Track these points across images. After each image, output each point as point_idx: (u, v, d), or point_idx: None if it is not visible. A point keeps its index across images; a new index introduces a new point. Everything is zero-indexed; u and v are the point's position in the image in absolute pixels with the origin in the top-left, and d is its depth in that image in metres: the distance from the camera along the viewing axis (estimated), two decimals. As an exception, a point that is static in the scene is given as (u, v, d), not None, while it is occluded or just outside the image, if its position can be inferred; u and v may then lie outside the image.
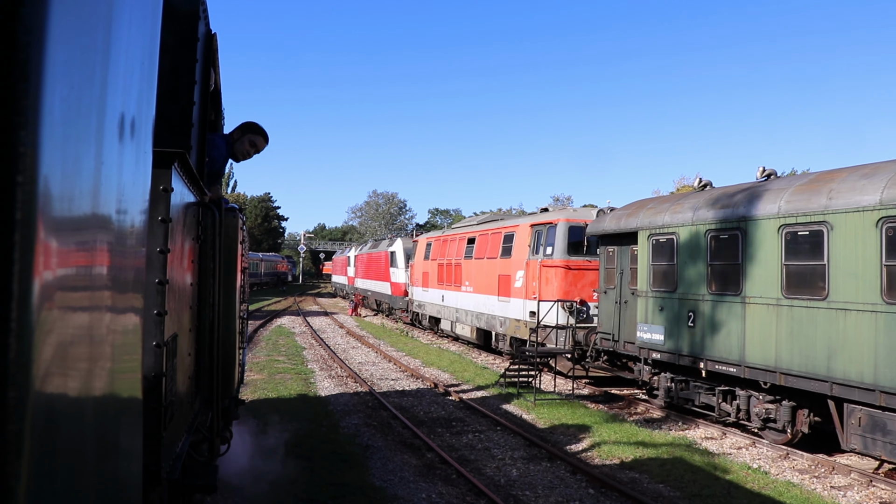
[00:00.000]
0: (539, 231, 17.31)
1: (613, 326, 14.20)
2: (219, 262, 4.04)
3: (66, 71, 0.86)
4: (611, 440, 10.65)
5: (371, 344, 23.23)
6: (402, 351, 21.59)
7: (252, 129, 4.89)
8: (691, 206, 11.94)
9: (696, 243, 11.58)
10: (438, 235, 25.53)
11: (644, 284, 12.90)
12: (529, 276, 17.29)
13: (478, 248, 21.04)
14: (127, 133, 1.28)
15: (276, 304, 46.69)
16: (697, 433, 11.66)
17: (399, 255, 31.92)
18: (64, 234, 0.90)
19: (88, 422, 1.06)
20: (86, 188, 1.00)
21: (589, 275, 16.39)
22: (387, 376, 16.64)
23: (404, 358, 20.00)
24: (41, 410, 0.81)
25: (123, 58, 1.20)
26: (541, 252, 17.00)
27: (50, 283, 0.84)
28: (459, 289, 22.32)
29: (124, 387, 1.35)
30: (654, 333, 12.52)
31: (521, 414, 12.49)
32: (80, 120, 0.95)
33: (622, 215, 13.90)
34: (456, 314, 22.75)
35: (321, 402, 12.99)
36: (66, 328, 0.92)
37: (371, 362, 19.21)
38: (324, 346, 22.18)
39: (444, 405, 13.09)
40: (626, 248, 14.06)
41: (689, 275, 11.73)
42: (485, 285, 20.15)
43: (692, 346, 11.57)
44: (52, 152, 0.81)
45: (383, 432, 10.86)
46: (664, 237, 12.43)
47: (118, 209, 1.22)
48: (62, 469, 0.92)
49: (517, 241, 18.27)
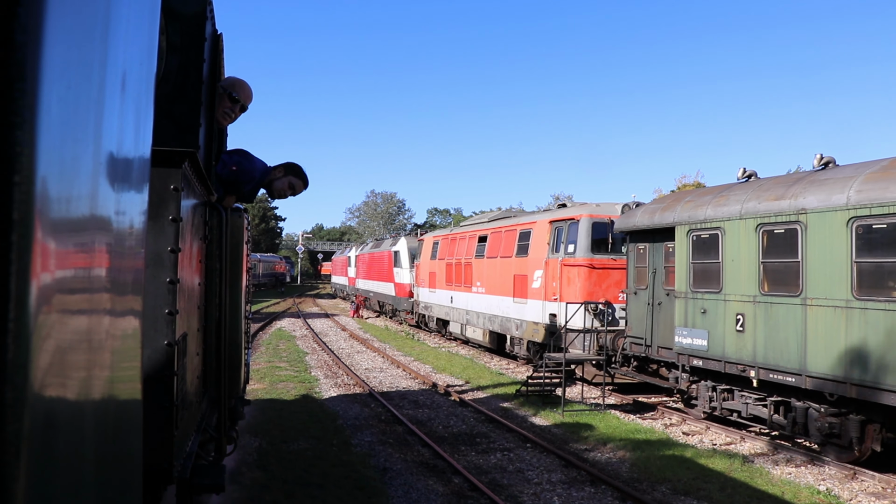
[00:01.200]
0: (559, 228, 16.18)
1: (645, 330, 13.07)
2: (225, 262, 4.09)
3: (64, 70, 0.86)
4: (655, 457, 9.52)
5: (376, 348, 22.07)
6: (410, 355, 20.44)
7: (295, 171, 4.79)
8: (739, 198, 10.82)
9: (746, 239, 10.46)
10: (446, 234, 24.35)
11: (683, 285, 11.78)
12: (549, 276, 16.16)
13: (490, 246, 19.90)
14: (125, 134, 1.27)
15: (274, 305, 45.47)
16: (745, 447, 10.55)
17: (403, 254, 30.73)
18: (62, 235, 0.89)
19: (89, 423, 1.05)
20: (84, 189, 1.00)
21: (614, 274, 15.27)
22: (397, 384, 15.49)
23: (413, 363, 18.86)
24: (40, 411, 0.81)
25: (122, 57, 1.21)
26: (561, 250, 15.86)
27: (48, 284, 0.83)
28: (470, 290, 21.16)
29: (125, 387, 1.34)
30: (696, 338, 11.39)
31: (550, 427, 11.35)
32: (77, 120, 0.95)
33: (656, 210, 12.78)
34: (466, 316, 21.59)
35: (329, 415, 11.83)
36: (65, 329, 0.91)
37: (378, 368, 18.06)
38: (327, 351, 21.02)
39: (463, 418, 11.95)
40: (659, 245, 12.94)
41: (737, 274, 10.60)
42: (498, 286, 19.01)
43: (741, 352, 10.44)
44: (49, 152, 0.81)
45: (401, 451, 9.72)
46: (706, 233, 11.30)
47: (117, 210, 1.21)
48: (62, 470, 0.91)
49: (534, 239, 17.13)
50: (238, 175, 4.49)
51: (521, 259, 17.65)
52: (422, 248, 27.03)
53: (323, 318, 35.63)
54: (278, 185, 4.75)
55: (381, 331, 28.62)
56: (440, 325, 25.01)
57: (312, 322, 32.64)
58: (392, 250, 32.41)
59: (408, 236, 32.69)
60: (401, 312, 30.78)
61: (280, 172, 4.74)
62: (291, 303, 49.50)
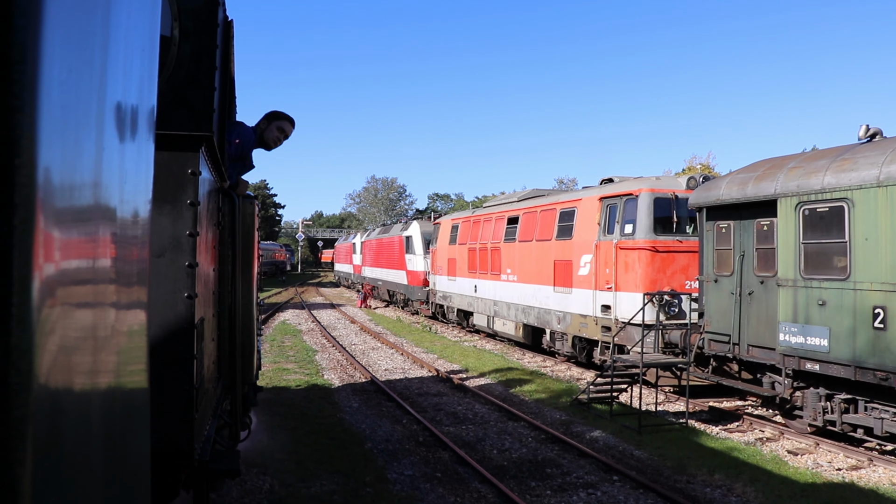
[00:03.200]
0: (612, 205, 13.88)
1: (732, 326, 10.83)
2: (238, 248, 4.10)
3: (64, 54, 0.84)
4: (785, 495, 7.33)
5: (392, 343, 19.84)
6: (432, 352, 18.22)
7: (278, 116, 4.88)
8: (872, 160, 8.53)
9: (888, 211, 8.19)
10: (468, 216, 22.02)
11: (790, 270, 9.51)
12: (600, 261, 13.89)
13: (522, 229, 17.60)
14: (128, 118, 1.23)
15: (276, 295, 43.18)
16: (880, 476, 8.35)
17: (416, 239, 28.42)
18: (65, 220, 0.87)
19: (95, 409, 1.02)
20: (87, 173, 0.98)
21: (680, 258, 13.01)
22: (426, 390, 13.26)
23: (438, 361, 16.64)
24: (45, 396, 0.79)
25: (123, 42, 1.17)
26: (616, 231, 13.58)
27: (50, 269, 0.81)
28: (498, 277, 18.89)
29: (132, 373, 1.30)
30: (811, 336, 9.15)
31: (631, 449, 9.13)
32: (79, 104, 0.93)
33: (747, 179, 10.48)
34: (494, 307, 19.33)
35: (354, 437, 9.61)
36: (69, 315, 0.89)
37: (399, 369, 15.83)
38: (338, 348, 18.79)
39: (519, 437, 9.72)
40: (748, 223, 10.67)
41: (873, 256, 8.34)
42: (534, 273, 16.74)
43: (882, 355, 8.20)
44: (50, 136, 0.80)
45: (455, 491, 7.48)
46: (826, 205, 9.02)
47: (122, 196, 1.18)
48: (68, 455, 0.89)
49: (580, 219, 14.84)
50: (243, 147, 4.57)
51: (564, 242, 15.38)
52: (438, 232, 24.73)
53: (329, 309, 33.40)
54: (269, 135, 4.79)
55: (393, 323, 26.39)
56: (461, 317, 22.76)
57: (318, 314, 30.42)
58: (403, 235, 30.09)
59: (421, 220, 30.33)
60: (414, 302, 28.52)
61: (265, 123, 4.83)
62: (294, 292, 47.26)
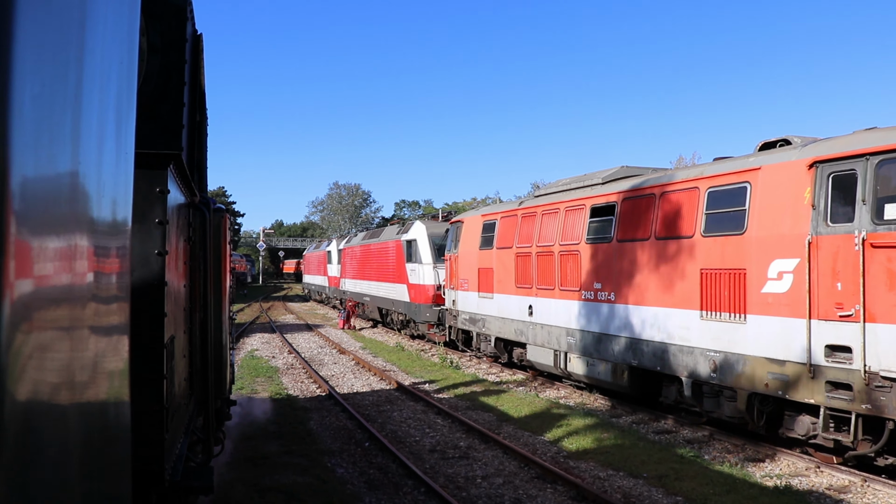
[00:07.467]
0: (843, 174, 8.09)
1: None
2: (210, 262, 4.11)
3: (37, 69, 0.83)
4: None
5: (414, 389, 13.70)
6: (486, 409, 12.16)
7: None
8: None
9: None
10: (513, 209, 15.95)
11: None
12: (822, 269, 8.08)
13: (623, 221, 11.71)
14: (106, 133, 1.20)
15: (240, 313, 36.38)
16: None
17: (422, 244, 22.26)
18: (39, 233, 0.85)
19: (72, 424, 1.00)
20: (62, 188, 0.95)
21: None
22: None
23: (506, 426, 10.59)
24: (19, 410, 0.77)
25: (99, 56, 1.14)
26: (856, 220, 7.80)
27: (23, 283, 0.79)
28: (577, 296, 12.92)
29: (112, 388, 1.26)
30: None
31: None
32: (53, 118, 0.91)
33: None
34: (568, 340, 13.30)
35: None
36: (44, 327, 0.87)
37: (452, 445, 9.73)
38: (341, 407, 12.53)
39: None
40: None
41: None
42: (653, 289, 10.85)
43: None
44: (23, 150, 0.78)
45: None
46: None
47: (98, 211, 1.14)
48: (43, 470, 0.88)
49: (762, 201, 9.02)
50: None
51: (724, 240, 9.54)
52: (459, 234, 18.65)
53: (305, 332, 26.97)
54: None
55: (395, 352, 20.20)
56: (500, 348, 16.71)
57: (294, 339, 24.02)
58: (402, 240, 23.87)
59: (427, 221, 24.14)
60: (420, 325, 22.31)
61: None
62: (259, 309, 40.53)
